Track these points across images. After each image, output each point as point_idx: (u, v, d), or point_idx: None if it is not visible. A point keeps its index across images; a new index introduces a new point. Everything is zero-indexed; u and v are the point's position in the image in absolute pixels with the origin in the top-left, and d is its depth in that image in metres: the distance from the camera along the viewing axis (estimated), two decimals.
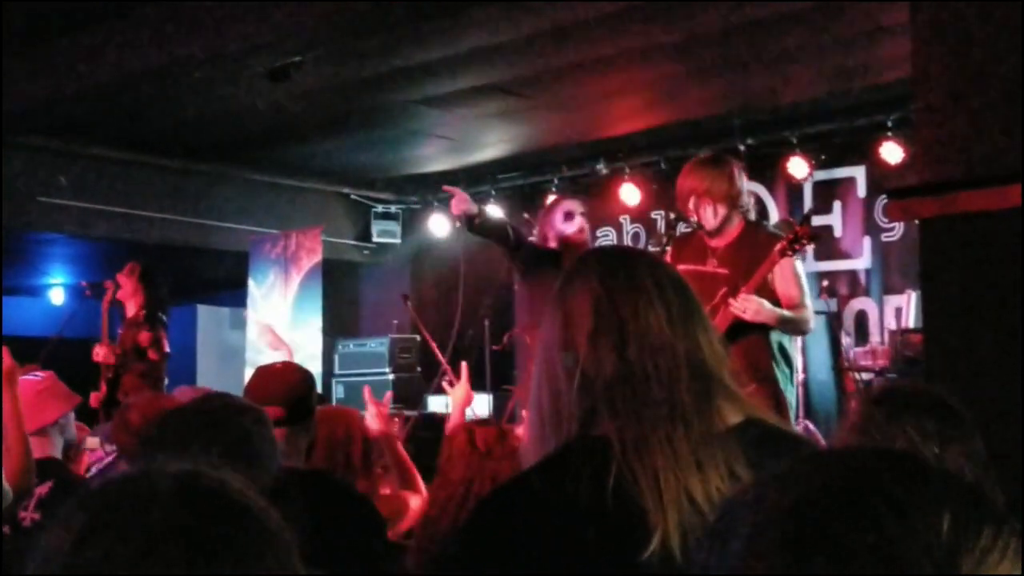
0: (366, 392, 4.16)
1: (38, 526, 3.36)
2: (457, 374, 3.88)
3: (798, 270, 4.64)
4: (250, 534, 0.94)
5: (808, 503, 0.78)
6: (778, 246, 4.43)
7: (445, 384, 3.99)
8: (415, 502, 3.69)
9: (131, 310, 7.46)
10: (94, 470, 4.53)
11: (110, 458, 4.35)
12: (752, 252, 4.51)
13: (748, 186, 4.84)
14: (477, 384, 8.66)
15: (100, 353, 7.27)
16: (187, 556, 0.89)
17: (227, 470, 0.99)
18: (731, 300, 4.46)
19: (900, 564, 0.73)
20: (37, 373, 4.05)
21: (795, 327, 4.66)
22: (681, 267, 4.75)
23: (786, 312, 4.49)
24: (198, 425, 2.20)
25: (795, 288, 4.56)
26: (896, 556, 0.73)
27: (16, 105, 7.48)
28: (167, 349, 7.41)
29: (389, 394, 4.30)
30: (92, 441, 4.52)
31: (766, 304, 4.42)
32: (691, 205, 4.65)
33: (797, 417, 7.07)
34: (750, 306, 4.40)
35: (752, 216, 4.76)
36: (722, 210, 4.61)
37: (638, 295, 1.48)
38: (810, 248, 5.04)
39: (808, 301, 4.63)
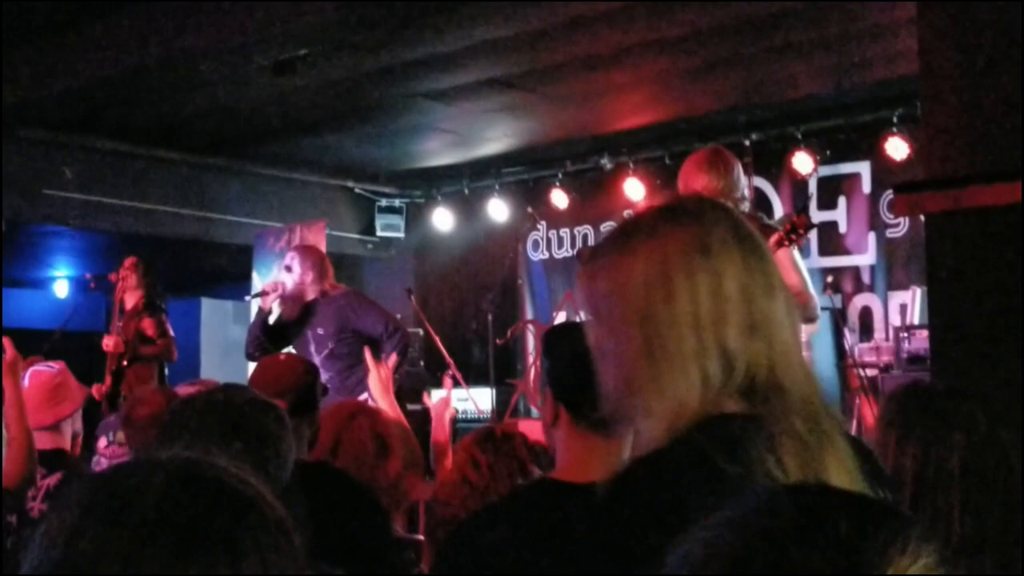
0: (367, 355, 4.14)
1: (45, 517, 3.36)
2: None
3: (796, 259, 4.60)
4: (248, 529, 0.91)
5: (751, 549, 0.79)
6: (774, 237, 4.42)
7: (447, 379, 3.96)
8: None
9: (131, 302, 7.49)
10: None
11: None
12: None
13: (747, 179, 4.85)
14: (480, 378, 8.68)
15: (110, 344, 7.29)
16: (179, 550, 0.88)
17: (228, 460, 0.98)
18: None
19: None
20: (51, 364, 4.04)
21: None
22: None
23: None
24: (217, 420, 2.16)
25: (795, 276, 4.53)
26: None
27: (21, 97, 7.49)
28: (171, 332, 7.46)
29: (394, 356, 4.24)
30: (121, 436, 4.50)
31: None
32: None
33: None
34: None
35: (747, 208, 4.77)
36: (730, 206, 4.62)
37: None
38: (813, 238, 4.99)
39: (811, 290, 4.61)
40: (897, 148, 7.79)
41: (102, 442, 4.16)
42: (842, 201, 8.43)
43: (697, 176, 4.64)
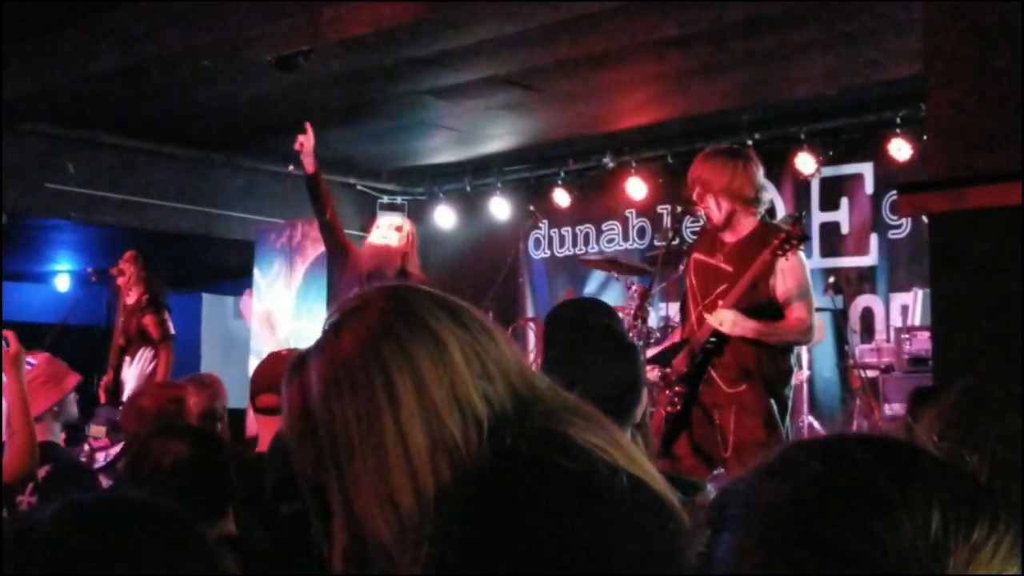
0: None
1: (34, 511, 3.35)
2: None
3: (801, 275, 4.48)
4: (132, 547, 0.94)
5: (796, 499, 0.77)
6: (768, 247, 4.36)
7: None
8: None
9: (132, 297, 7.49)
10: (100, 459, 4.53)
11: (117, 448, 4.35)
12: (758, 253, 4.41)
13: (762, 182, 4.68)
14: None
15: (104, 382, 7.29)
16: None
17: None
18: (706, 314, 4.44)
19: (885, 564, 0.72)
20: (30, 360, 4.01)
21: (779, 339, 4.46)
22: (695, 255, 4.73)
23: (766, 327, 4.39)
24: None
25: (794, 294, 4.43)
26: (881, 557, 0.72)
27: (24, 91, 7.49)
28: (172, 331, 7.45)
29: None
30: (97, 429, 4.51)
31: (742, 317, 4.36)
32: (695, 196, 4.61)
33: (801, 413, 7.07)
34: (726, 319, 4.36)
35: (761, 211, 4.65)
36: (725, 204, 4.52)
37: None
38: (815, 238, 4.88)
39: (805, 312, 4.46)
40: (900, 149, 7.78)
41: (94, 430, 4.15)
42: (844, 202, 8.41)
43: (695, 169, 4.63)
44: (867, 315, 8.26)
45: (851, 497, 0.75)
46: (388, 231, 5.79)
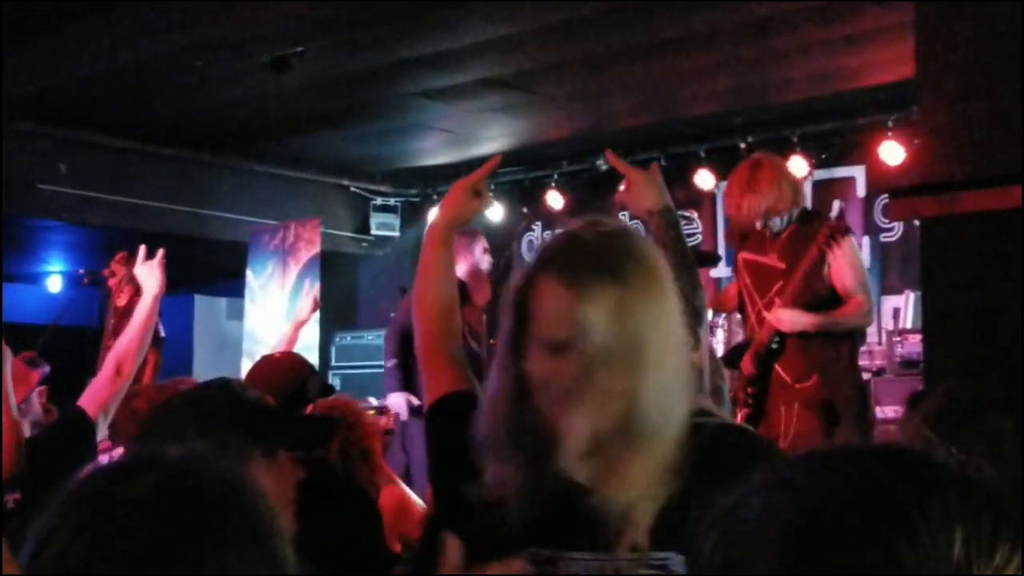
0: None
1: (21, 506, 3.35)
2: None
3: (854, 260, 4.63)
4: (215, 538, 0.92)
5: (814, 516, 0.73)
6: (815, 246, 4.47)
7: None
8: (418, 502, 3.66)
9: (123, 299, 7.46)
10: (104, 460, 4.52)
11: (118, 450, 4.34)
12: (805, 244, 4.56)
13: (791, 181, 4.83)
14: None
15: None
16: (135, 558, 0.89)
17: (217, 457, 0.98)
18: (766, 313, 4.54)
19: None
20: None
21: (842, 326, 4.60)
22: (743, 255, 4.80)
23: (825, 318, 4.50)
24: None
25: (850, 279, 4.58)
26: None
27: (17, 92, 7.47)
28: (162, 334, 7.42)
29: None
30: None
31: (799, 314, 4.48)
32: (759, 225, 4.66)
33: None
34: (784, 318, 4.45)
35: (794, 214, 4.72)
36: (775, 219, 4.67)
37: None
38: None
39: (863, 295, 4.59)
40: (892, 152, 7.79)
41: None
42: (836, 205, 8.42)
43: (758, 199, 4.65)
44: None
45: (872, 517, 0.71)
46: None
